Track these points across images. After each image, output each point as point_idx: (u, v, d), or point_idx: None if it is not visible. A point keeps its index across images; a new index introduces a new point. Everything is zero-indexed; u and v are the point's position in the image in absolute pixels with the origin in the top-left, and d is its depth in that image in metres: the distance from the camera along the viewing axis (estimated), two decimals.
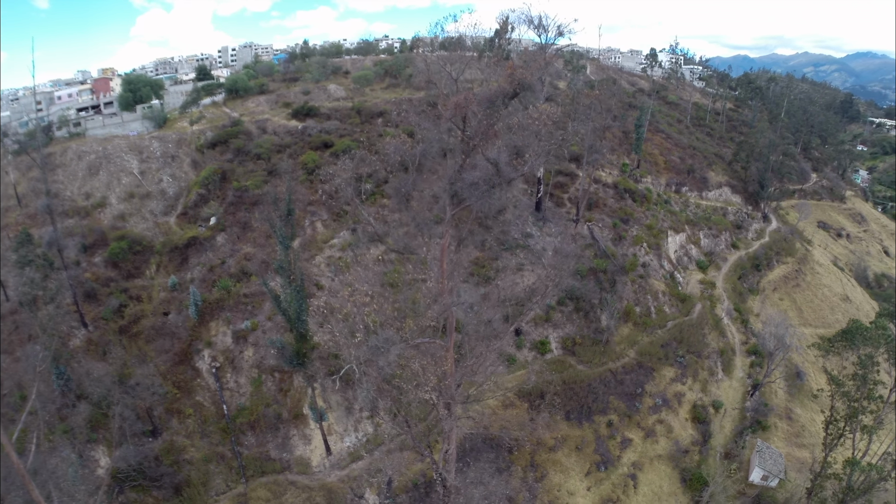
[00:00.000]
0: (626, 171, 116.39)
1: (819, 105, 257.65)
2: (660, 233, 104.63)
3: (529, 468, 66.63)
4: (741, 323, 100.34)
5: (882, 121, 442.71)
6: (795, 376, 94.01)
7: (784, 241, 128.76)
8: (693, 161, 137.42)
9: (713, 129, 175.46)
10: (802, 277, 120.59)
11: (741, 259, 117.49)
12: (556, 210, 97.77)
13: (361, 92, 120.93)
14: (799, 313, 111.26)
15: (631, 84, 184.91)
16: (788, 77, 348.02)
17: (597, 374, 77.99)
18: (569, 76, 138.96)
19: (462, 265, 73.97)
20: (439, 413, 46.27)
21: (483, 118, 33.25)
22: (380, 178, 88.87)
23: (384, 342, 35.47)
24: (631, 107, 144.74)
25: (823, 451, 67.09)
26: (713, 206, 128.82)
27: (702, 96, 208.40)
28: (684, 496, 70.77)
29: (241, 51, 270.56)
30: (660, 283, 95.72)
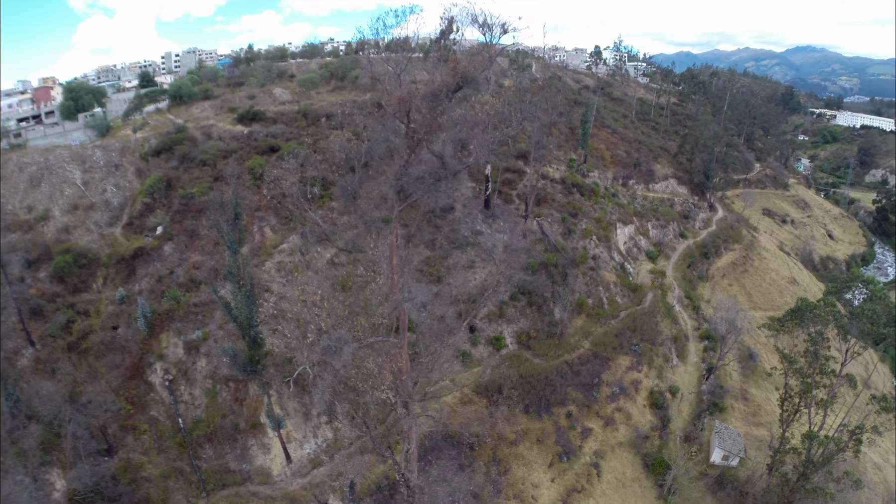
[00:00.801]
0: (573, 166, 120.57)
1: (761, 98, 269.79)
2: (609, 225, 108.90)
3: (492, 463, 68.20)
4: (692, 309, 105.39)
5: (822, 111, 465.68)
6: (748, 358, 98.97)
7: (731, 228, 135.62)
8: (639, 154, 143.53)
9: (658, 123, 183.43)
10: (750, 263, 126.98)
11: (690, 248, 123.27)
12: (505, 207, 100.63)
13: (307, 95, 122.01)
14: (748, 297, 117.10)
15: (576, 81, 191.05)
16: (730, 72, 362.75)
17: (553, 366, 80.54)
18: (514, 75, 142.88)
19: (412, 262, 75.83)
20: (398, 412, 47.25)
21: (427, 112, 34.01)
22: (327, 181, 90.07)
23: (337, 341, 35.95)
24: (576, 103, 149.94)
25: (781, 428, 71.13)
26: (660, 197, 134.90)
27: (646, 92, 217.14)
28: (647, 481, 73.71)
29: (185, 56, 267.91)
30: (611, 275, 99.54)
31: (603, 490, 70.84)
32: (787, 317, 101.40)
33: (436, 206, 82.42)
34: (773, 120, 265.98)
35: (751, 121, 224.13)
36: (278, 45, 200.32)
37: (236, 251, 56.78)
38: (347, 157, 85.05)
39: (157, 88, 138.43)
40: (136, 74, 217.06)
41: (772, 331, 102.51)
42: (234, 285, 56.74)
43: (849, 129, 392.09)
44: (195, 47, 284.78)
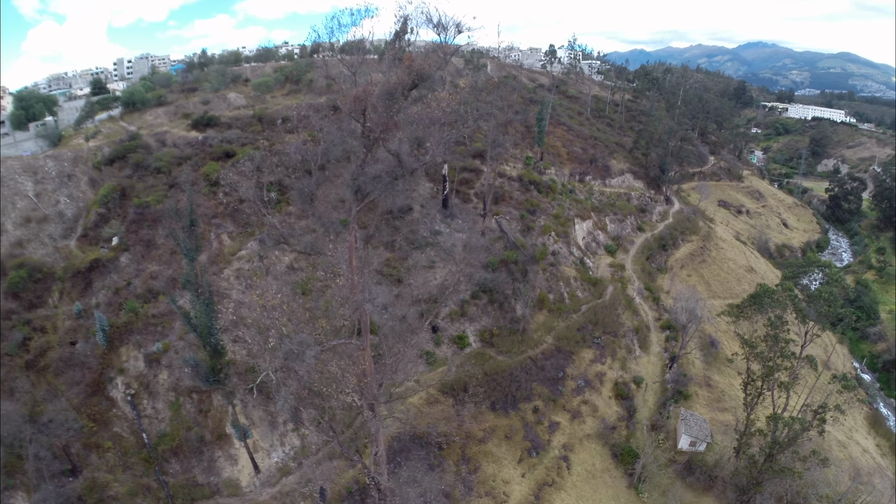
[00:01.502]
0: (530, 163, 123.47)
1: (714, 93, 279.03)
2: (567, 221, 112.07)
3: (462, 462, 69.46)
4: (653, 301, 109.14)
5: (774, 104, 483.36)
6: (710, 345, 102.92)
7: (687, 220, 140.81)
8: (595, 151, 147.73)
9: (613, 119, 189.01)
10: (708, 253, 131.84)
11: (648, 241, 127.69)
12: (463, 206, 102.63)
13: (262, 99, 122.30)
14: (707, 287, 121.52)
15: (531, 80, 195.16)
16: (684, 68, 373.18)
17: (517, 362, 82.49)
18: (469, 74, 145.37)
19: (371, 263, 76.83)
20: (364, 415, 47.96)
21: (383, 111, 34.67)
22: (284, 185, 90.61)
23: (299, 346, 36.51)
24: (532, 102, 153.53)
25: (745, 411, 74.14)
26: (617, 192, 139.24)
27: (601, 89, 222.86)
28: (617, 471, 75.96)
29: (138, 63, 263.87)
30: (570, 270, 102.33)
31: (574, 482, 72.61)
32: (746, 303, 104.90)
33: (394, 207, 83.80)
34: (727, 114, 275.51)
35: (704, 115, 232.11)
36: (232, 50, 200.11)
37: (193, 259, 57.02)
38: (304, 160, 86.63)
39: (110, 96, 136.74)
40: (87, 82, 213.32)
41: (731, 318, 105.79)
42: (193, 294, 56.88)
43: (800, 122, 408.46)
44: (148, 53, 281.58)
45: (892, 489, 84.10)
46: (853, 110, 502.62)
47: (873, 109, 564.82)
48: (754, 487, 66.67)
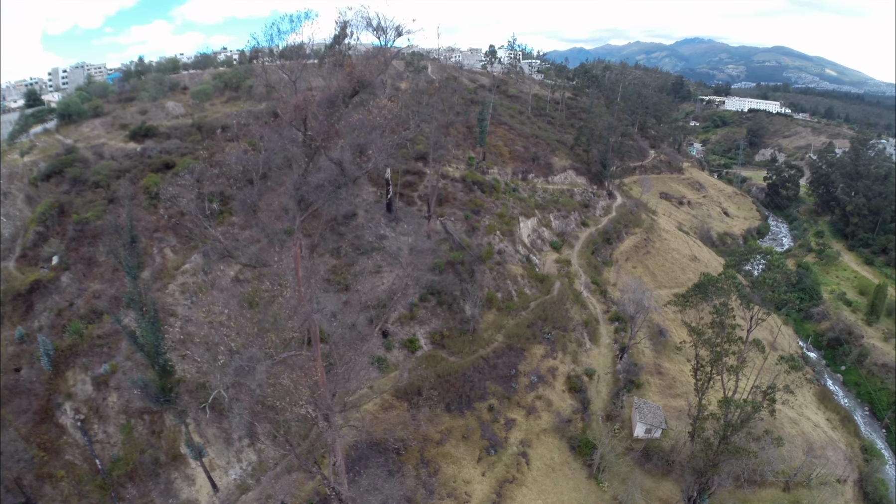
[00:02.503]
0: (472, 164, 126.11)
1: (652, 88, 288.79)
2: (511, 220, 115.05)
3: (421, 465, 70.53)
4: (600, 294, 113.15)
5: (712, 98, 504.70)
6: (658, 334, 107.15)
7: (630, 213, 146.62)
8: (537, 149, 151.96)
9: (554, 117, 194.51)
10: (652, 245, 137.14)
11: (592, 235, 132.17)
12: (407, 209, 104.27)
13: (201, 107, 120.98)
14: (653, 277, 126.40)
15: (472, 81, 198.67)
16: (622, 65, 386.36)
17: (469, 362, 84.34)
18: (410, 77, 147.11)
19: (318, 272, 77.34)
20: (319, 426, 48.28)
21: (324, 119, 35.18)
22: (226, 196, 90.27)
23: (249, 361, 36.93)
24: (473, 102, 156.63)
25: (697, 396, 77.44)
26: (560, 189, 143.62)
27: (541, 88, 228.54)
28: (576, 463, 78.37)
29: (73, 72, 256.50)
30: (517, 268, 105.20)
31: (534, 477, 74.50)
32: (691, 292, 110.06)
33: (338, 214, 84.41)
34: (665, 108, 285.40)
35: (643, 110, 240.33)
36: (170, 57, 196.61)
37: (136, 276, 56.61)
38: (245, 170, 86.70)
39: (45, 107, 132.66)
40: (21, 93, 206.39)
41: (678, 307, 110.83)
42: (138, 312, 56.39)
43: (737, 113, 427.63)
44: (83, 62, 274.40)
45: (845, 460, 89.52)
46: (788, 101, 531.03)
47: (808, 100, 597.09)
48: (711, 469, 69.12)
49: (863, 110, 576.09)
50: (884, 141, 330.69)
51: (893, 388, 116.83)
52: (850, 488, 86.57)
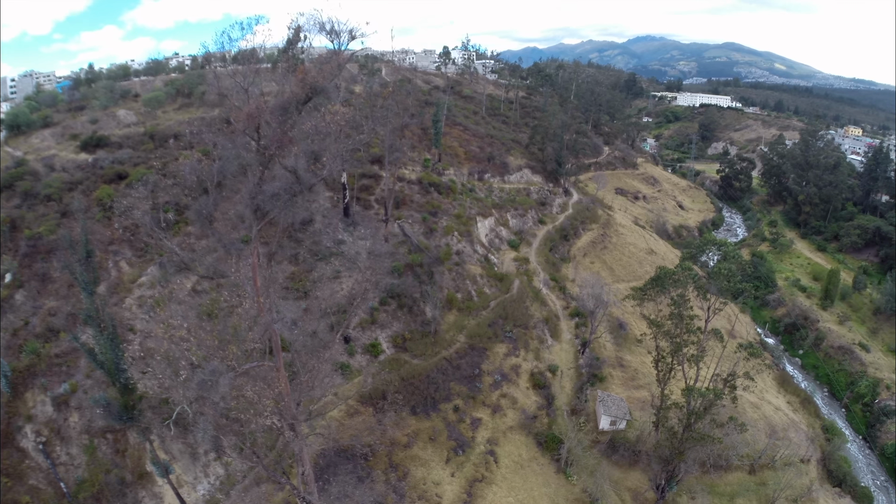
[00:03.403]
0: (428, 165, 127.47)
1: (605, 86, 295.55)
2: (469, 220, 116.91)
3: (390, 470, 71.12)
4: (559, 290, 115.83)
5: (664, 94, 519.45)
6: (618, 328, 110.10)
7: (587, 210, 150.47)
8: (492, 149, 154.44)
9: (508, 117, 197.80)
10: (609, 240, 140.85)
11: (549, 233, 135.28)
12: (364, 213, 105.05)
13: (153, 115, 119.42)
14: (611, 272, 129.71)
15: (426, 82, 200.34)
16: (576, 64, 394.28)
17: (432, 364, 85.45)
18: (364, 80, 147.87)
19: (276, 280, 77.44)
20: (286, 436, 48.60)
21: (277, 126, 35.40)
22: (181, 206, 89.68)
23: (211, 374, 36.95)
24: (427, 104, 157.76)
25: (659, 387, 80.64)
26: (516, 188, 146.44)
27: (495, 88, 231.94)
28: (544, 458, 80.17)
29: (21, 81, 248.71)
30: (476, 268, 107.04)
31: (503, 475, 75.79)
32: (649, 285, 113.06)
33: (295, 220, 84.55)
34: (619, 105, 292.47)
35: (597, 108, 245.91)
36: (120, 63, 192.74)
37: (92, 292, 56.03)
38: (199, 179, 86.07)
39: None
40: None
41: (637, 300, 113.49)
42: (95, 329, 55.71)
43: (689, 109, 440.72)
44: (32, 70, 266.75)
45: (807, 440, 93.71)
46: (739, 96, 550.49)
47: (758, 94, 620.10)
48: (677, 457, 71.37)
49: (811, 102, 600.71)
50: (832, 132, 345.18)
51: (850, 369, 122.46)
52: (813, 467, 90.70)
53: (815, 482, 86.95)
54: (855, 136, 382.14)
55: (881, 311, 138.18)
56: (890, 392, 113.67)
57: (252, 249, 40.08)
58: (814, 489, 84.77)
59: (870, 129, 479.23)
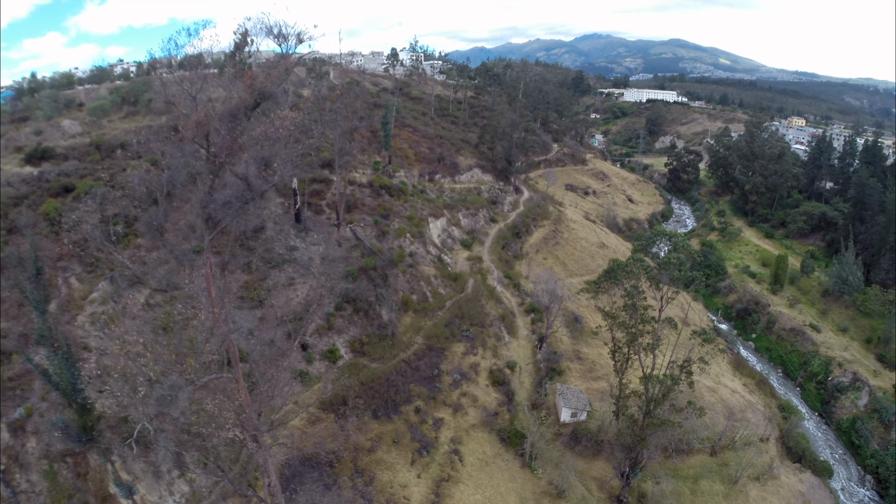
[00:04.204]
0: (379, 168, 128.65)
1: (553, 84, 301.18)
2: (421, 221, 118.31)
3: (356, 475, 71.51)
4: (514, 287, 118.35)
5: (611, 90, 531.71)
6: (574, 321, 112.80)
7: (538, 207, 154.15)
8: (442, 149, 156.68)
9: (457, 117, 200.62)
10: (560, 235, 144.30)
11: (501, 231, 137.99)
12: (316, 218, 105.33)
13: (99, 125, 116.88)
14: (564, 267, 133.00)
15: (375, 84, 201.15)
16: (523, 63, 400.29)
17: (391, 367, 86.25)
18: (312, 83, 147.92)
19: (231, 290, 77.21)
20: (249, 448, 48.80)
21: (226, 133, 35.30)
22: (130, 217, 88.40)
23: (170, 389, 36.78)
24: (376, 106, 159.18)
25: (617, 377, 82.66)
26: (467, 187, 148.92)
27: (444, 88, 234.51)
28: (508, 454, 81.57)
29: None
30: (430, 269, 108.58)
31: (469, 473, 76.83)
32: (602, 278, 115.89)
33: (247, 228, 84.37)
34: (566, 103, 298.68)
35: (545, 106, 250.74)
36: (64, 72, 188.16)
37: (44, 311, 54.85)
38: (149, 189, 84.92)
39: None
40: None
41: (591, 293, 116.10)
42: (49, 349, 54.54)
43: (636, 104, 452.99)
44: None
45: (765, 420, 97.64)
46: (685, 90, 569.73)
47: (703, 88, 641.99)
48: (639, 444, 73.42)
49: (756, 95, 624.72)
50: (776, 123, 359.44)
51: (802, 349, 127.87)
52: (773, 445, 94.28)
53: (775, 460, 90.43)
54: (799, 126, 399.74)
55: (829, 293, 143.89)
56: (842, 369, 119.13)
57: (205, 259, 40.06)
58: (775, 466, 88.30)
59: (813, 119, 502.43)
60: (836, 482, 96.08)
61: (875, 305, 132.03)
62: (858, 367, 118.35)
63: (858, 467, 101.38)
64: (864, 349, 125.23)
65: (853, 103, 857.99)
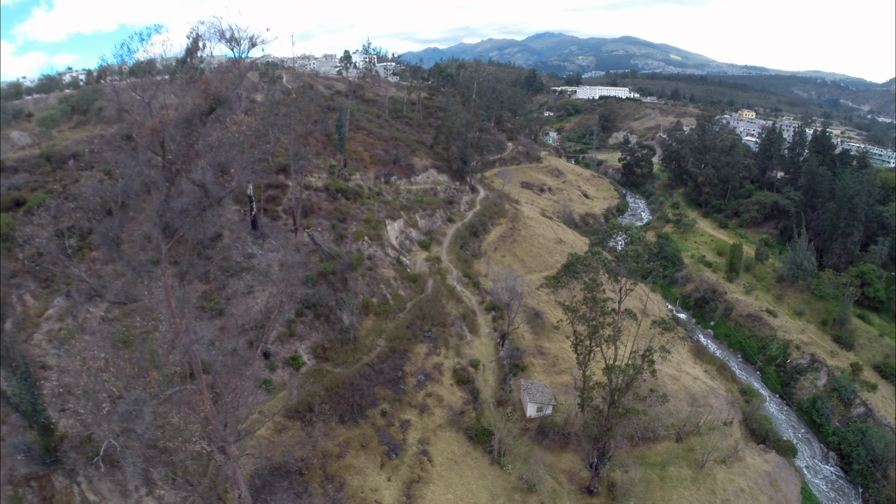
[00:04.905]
0: (334, 171, 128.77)
1: (506, 83, 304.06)
2: (378, 224, 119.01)
3: (326, 482, 71.32)
4: (474, 286, 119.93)
5: (564, 88, 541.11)
6: (535, 317, 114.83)
7: (494, 205, 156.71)
8: (397, 151, 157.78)
9: (412, 118, 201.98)
10: (518, 233, 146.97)
11: (459, 230, 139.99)
12: (273, 224, 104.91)
13: (49, 135, 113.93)
14: (522, 264, 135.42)
15: (328, 87, 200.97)
16: (476, 62, 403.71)
17: (355, 371, 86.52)
18: (265, 88, 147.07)
19: (190, 301, 76.45)
20: (217, 460, 48.67)
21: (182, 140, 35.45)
22: (84, 230, 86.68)
23: (134, 404, 37.00)
24: (330, 109, 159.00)
25: (580, 369, 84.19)
26: (423, 188, 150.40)
27: (398, 90, 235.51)
28: (477, 451, 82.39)
29: None
30: (389, 271, 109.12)
31: (439, 473, 77.47)
32: (561, 273, 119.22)
33: (205, 236, 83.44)
34: (520, 101, 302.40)
35: (499, 105, 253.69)
36: (12, 81, 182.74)
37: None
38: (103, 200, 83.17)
39: None
40: None
41: (550, 288, 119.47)
42: (7, 370, 53.79)
43: (589, 101, 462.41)
44: None
45: (727, 404, 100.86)
46: (637, 86, 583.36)
47: (655, 84, 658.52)
48: (606, 434, 75.30)
49: (707, 90, 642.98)
50: (727, 116, 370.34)
51: (760, 334, 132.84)
52: (736, 428, 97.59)
53: (739, 442, 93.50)
54: (749, 119, 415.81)
55: (784, 279, 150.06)
56: (800, 352, 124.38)
57: (163, 270, 40.22)
58: (740, 448, 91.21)
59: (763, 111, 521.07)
60: (801, 460, 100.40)
61: (829, 289, 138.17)
62: (816, 348, 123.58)
63: (821, 445, 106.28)
64: (820, 331, 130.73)
65: (801, 95, 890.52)
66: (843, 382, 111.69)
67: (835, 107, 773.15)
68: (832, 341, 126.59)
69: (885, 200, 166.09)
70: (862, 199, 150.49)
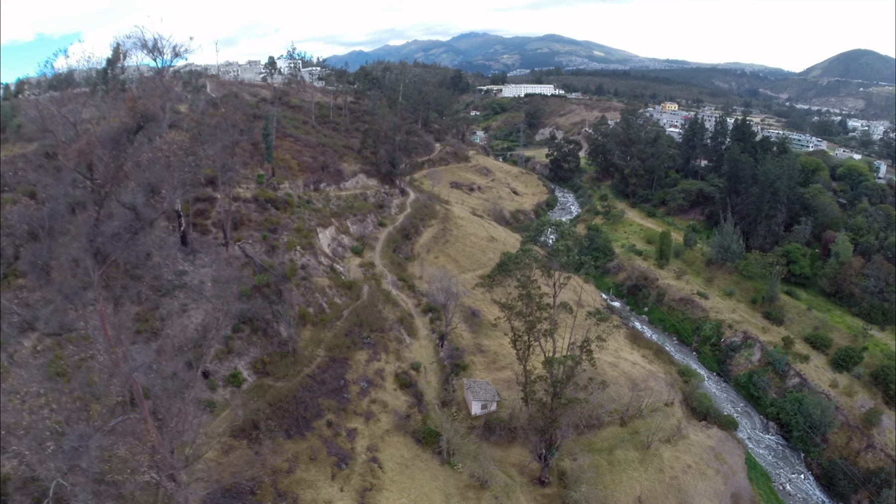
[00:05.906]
0: (262, 181, 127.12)
1: (432, 84, 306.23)
2: (310, 232, 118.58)
3: (279, 499, 70.77)
4: (409, 289, 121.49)
5: (489, 87, 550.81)
6: (472, 316, 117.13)
7: (425, 207, 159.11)
8: (325, 157, 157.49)
9: (339, 123, 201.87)
10: (449, 233, 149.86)
11: (391, 234, 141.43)
12: (203, 239, 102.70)
13: None
14: (456, 264, 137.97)
15: (253, 95, 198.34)
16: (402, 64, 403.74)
17: (297, 383, 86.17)
18: (189, 98, 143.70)
19: (126, 325, 74.27)
20: (168, 489, 47.65)
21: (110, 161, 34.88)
22: (9, 256, 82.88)
23: (79, 440, 36.19)
24: (256, 117, 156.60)
25: (521, 365, 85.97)
26: (353, 193, 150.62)
27: (323, 95, 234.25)
28: (426, 453, 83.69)
29: None
30: (323, 279, 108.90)
31: (391, 478, 78.31)
32: (494, 271, 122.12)
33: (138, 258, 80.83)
34: (446, 102, 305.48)
35: (425, 106, 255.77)
36: None
37: None
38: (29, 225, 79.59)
39: None
40: None
41: (485, 287, 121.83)
42: None
43: (515, 99, 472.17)
44: None
45: (667, 385, 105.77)
46: (561, 83, 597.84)
47: (579, 80, 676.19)
48: (551, 425, 77.95)
49: (630, 84, 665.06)
50: (651, 109, 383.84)
51: (693, 316, 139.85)
52: (678, 408, 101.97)
53: (682, 421, 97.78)
54: (672, 110, 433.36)
55: (713, 262, 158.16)
56: (733, 330, 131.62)
57: (97, 297, 39.64)
58: (682, 427, 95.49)
59: (685, 103, 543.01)
60: (743, 433, 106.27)
61: (756, 269, 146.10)
62: (748, 326, 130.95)
63: (761, 416, 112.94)
64: (750, 310, 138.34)
65: (722, 86, 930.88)
66: (777, 356, 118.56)
67: (754, 96, 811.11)
68: (763, 318, 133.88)
69: (806, 183, 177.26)
70: (783, 183, 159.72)
